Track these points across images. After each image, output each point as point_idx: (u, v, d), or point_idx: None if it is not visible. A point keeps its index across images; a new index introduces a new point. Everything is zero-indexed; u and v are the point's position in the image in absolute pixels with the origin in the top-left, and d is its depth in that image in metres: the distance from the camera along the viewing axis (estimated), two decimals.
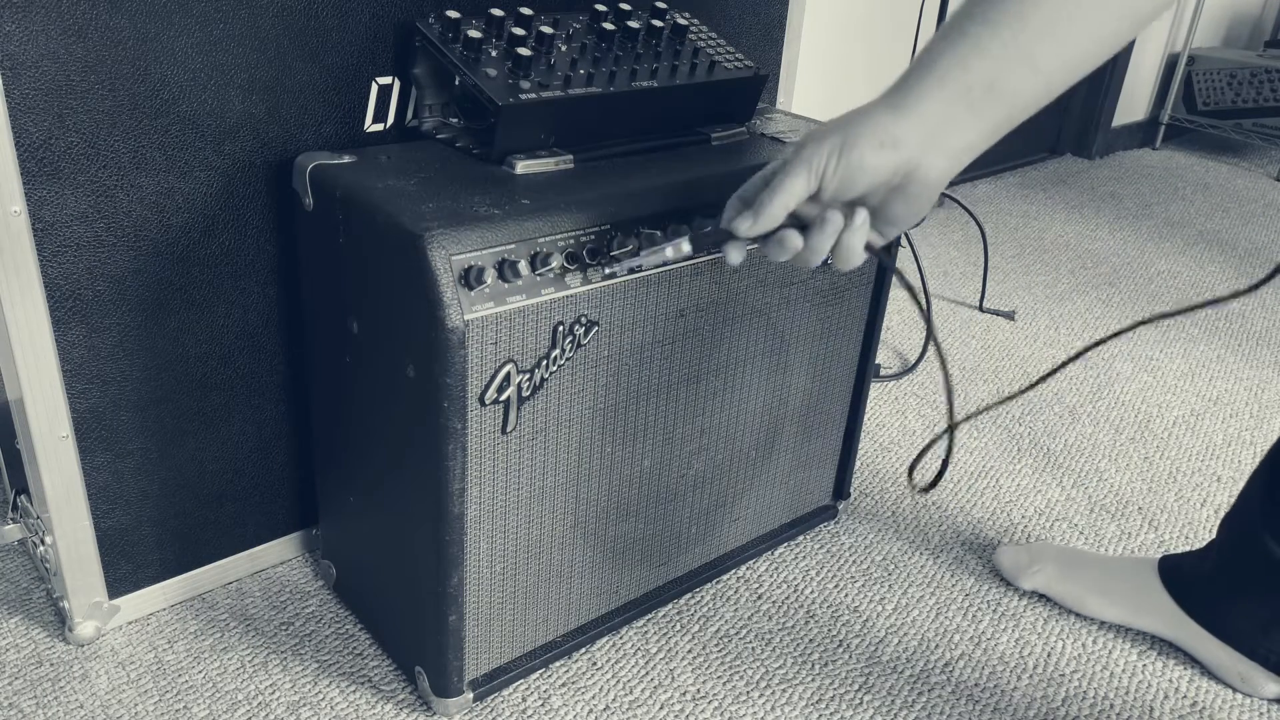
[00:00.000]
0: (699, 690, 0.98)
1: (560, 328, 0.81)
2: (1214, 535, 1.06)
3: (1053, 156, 3.01)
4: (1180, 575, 1.06)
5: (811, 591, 1.12)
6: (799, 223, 0.69)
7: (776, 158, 0.68)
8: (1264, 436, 1.49)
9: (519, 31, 0.90)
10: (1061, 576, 1.11)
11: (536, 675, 0.98)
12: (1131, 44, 2.88)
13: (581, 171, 0.89)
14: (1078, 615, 1.11)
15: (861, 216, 0.68)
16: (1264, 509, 0.98)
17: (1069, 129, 3.00)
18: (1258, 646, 1.00)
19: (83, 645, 0.98)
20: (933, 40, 0.64)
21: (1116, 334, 0.81)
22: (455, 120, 0.97)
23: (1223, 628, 1.02)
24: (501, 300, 0.77)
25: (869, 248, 0.70)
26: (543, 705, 0.95)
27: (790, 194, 0.66)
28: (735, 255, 0.72)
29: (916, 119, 0.63)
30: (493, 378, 0.79)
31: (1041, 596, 1.13)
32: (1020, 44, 0.60)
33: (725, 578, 1.13)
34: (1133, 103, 3.08)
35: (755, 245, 0.72)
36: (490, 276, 0.75)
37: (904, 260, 1.89)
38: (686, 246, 0.75)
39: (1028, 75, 0.61)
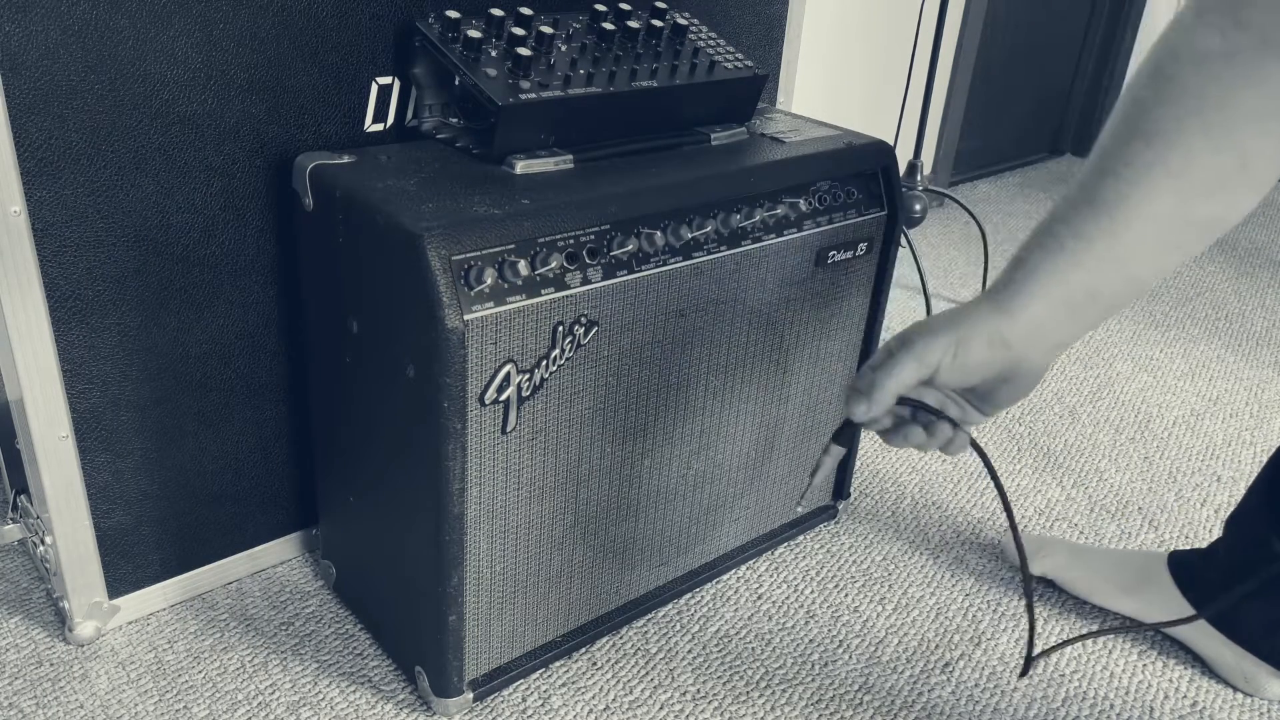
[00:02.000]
0: (699, 690, 0.98)
1: (560, 328, 0.81)
2: (1217, 535, 1.06)
3: (1052, 156, 3.01)
4: (1189, 571, 1.06)
5: (811, 591, 1.12)
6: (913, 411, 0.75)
7: (880, 351, 0.73)
8: (1264, 436, 1.49)
9: (519, 31, 0.90)
10: (1071, 564, 1.12)
11: (536, 675, 0.98)
12: (1131, 45, 2.88)
13: (581, 171, 0.89)
14: (1078, 614, 1.11)
15: (946, 430, 0.74)
16: (1269, 509, 0.98)
17: (1069, 129, 3.00)
18: (1263, 645, 1.00)
19: (83, 645, 0.98)
20: (1029, 243, 0.68)
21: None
22: (455, 120, 0.97)
23: (1229, 625, 1.02)
24: (501, 300, 0.77)
25: (973, 444, 0.76)
26: (543, 705, 0.95)
27: (900, 383, 0.71)
28: (879, 427, 0.76)
29: (1024, 322, 0.67)
30: (492, 378, 0.79)
31: (1043, 594, 1.13)
32: (1114, 256, 0.65)
33: (725, 578, 1.13)
34: None
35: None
36: (490, 276, 0.75)
37: (904, 260, 1.89)
38: (839, 449, 0.80)
39: (1122, 284, 0.66)
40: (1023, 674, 0.81)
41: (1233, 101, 0.59)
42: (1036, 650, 0.99)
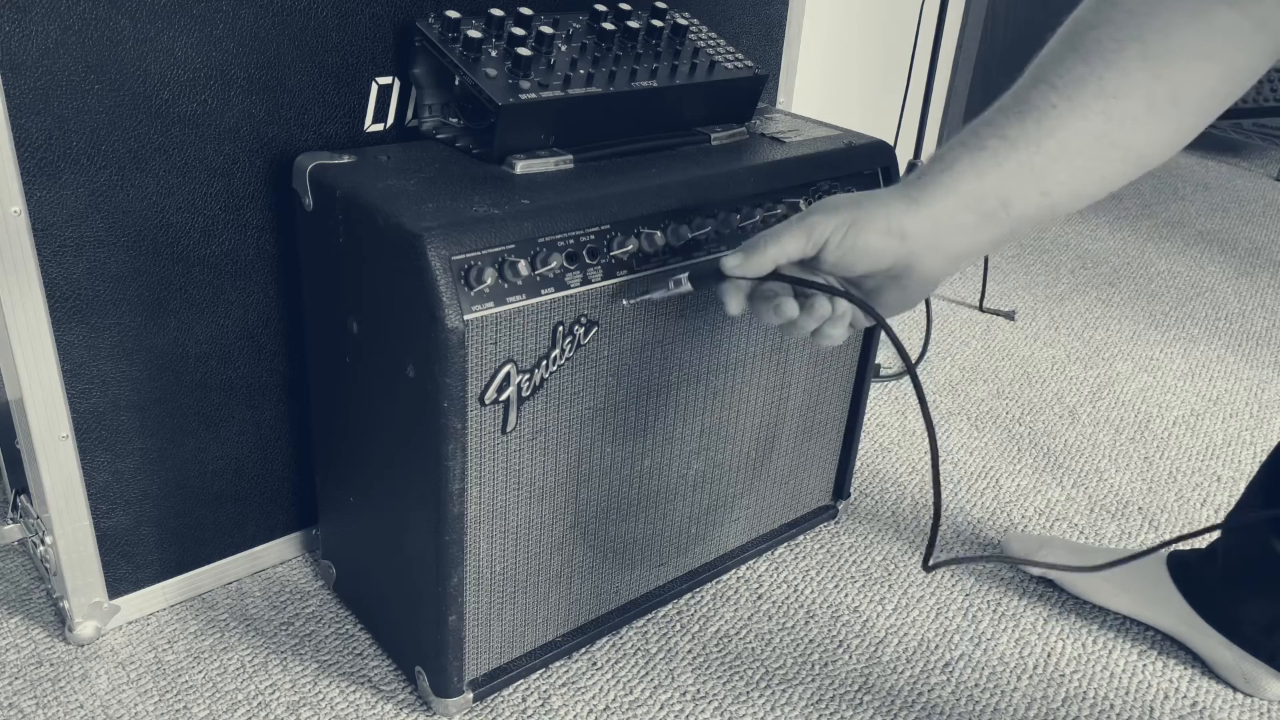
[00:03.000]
0: (699, 690, 0.98)
1: (560, 328, 0.81)
2: (1218, 535, 1.06)
3: None
4: (1188, 571, 1.06)
5: (811, 591, 1.12)
6: (796, 293, 0.72)
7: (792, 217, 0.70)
8: (1264, 436, 1.49)
9: (519, 31, 0.90)
10: (1072, 561, 1.11)
11: (536, 675, 0.98)
12: None
13: (581, 171, 0.89)
14: (1078, 614, 1.11)
15: (842, 307, 0.72)
16: (1268, 509, 0.98)
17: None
18: (1263, 645, 1.00)
19: (83, 645, 0.98)
20: (953, 142, 0.66)
21: None
22: (455, 120, 0.97)
23: (1229, 625, 1.02)
24: (501, 300, 0.77)
25: (878, 317, 0.73)
26: (543, 705, 0.95)
27: (782, 248, 0.69)
28: (733, 304, 0.74)
29: (928, 217, 0.65)
30: (492, 378, 0.79)
31: (1043, 594, 1.13)
32: (1034, 166, 0.63)
33: (725, 578, 1.13)
34: None
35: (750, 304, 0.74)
36: (490, 276, 0.75)
37: None
38: (687, 285, 0.78)
39: (1037, 196, 0.64)
40: (924, 566, 0.79)
41: (1175, 33, 0.59)
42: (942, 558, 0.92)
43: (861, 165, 1.02)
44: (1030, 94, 0.63)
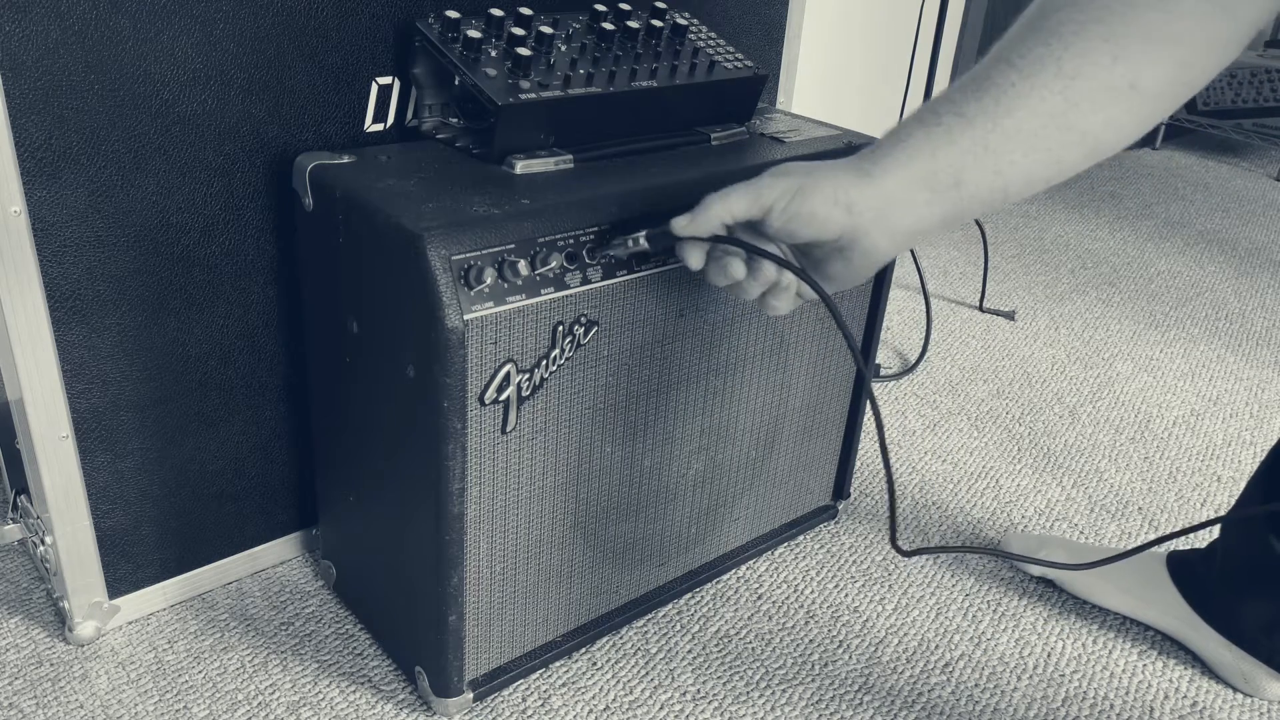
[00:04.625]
0: (699, 690, 0.98)
1: (560, 327, 0.81)
2: (1217, 534, 1.06)
3: None
4: (1187, 571, 1.06)
5: (811, 591, 1.12)
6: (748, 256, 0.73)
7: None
8: (1264, 436, 1.49)
9: (518, 31, 0.90)
10: (1069, 560, 1.11)
11: (536, 675, 0.98)
12: None
13: (581, 171, 0.89)
14: (1078, 614, 1.11)
15: (788, 278, 0.72)
16: (1267, 511, 0.98)
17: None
18: (1262, 645, 1.00)
19: (83, 645, 0.98)
20: (910, 117, 0.66)
21: None
22: (455, 120, 0.97)
23: (1228, 625, 1.02)
24: (501, 300, 0.77)
25: (818, 288, 0.73)
26: (543, 705, 0.95)
27: (728, 208, 0.69)
28: (692, 260, 0.74)
29: (877, 190, 0.65)
30: (492, 377, 0.79)
31: (1043, 594, 1.13)
32: (988, 143, 0.63)
33: (725, 578, 1.13)
34: None
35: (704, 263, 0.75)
36: (490, 276, 0.75)
37: (904, 260, 1.89)
38: (644, 243, 0.78)
39: (989, 175, 0.63)
40: (895, 547, 0.80)
41: (1138, 18, 0.59)
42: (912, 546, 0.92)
43: None
44: (990, 72, 0.63)
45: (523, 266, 0.77)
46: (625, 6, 1.00)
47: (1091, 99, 0.61)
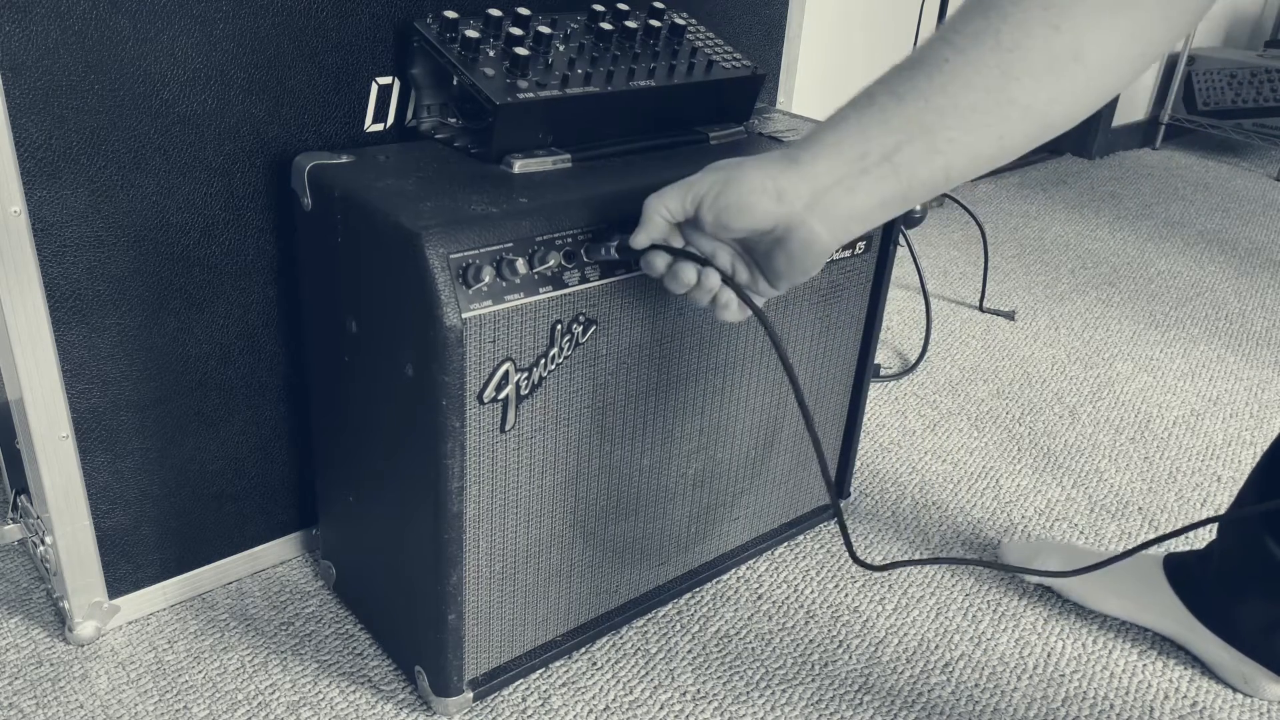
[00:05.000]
0: (699, 690, 0.98)
1: (558, 326, 0.82)
2: (1214, 535, 1.06)
3: (1053, 156, 3.01)
4: (1185, 574, 1.06)
5: (811, 591, 1.12)
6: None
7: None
8: (1264, 436, 1.49)
9: (517, 31, 0.90)
10: (1067, 568, 1.11)
11: (536, 675, 0.98)
12: None
13: (579, 171, 0.89)
14: (1078, 615, 1.11)
15: (713, 279, 0.71)
16: (1263, 511, 0.97)
17: (1069, 129, 3.00)
18: (1260, 647, 1.00)
19: (83, 645, 0.98)
20: (846, 102, 0.65)
21: None
22: (454, 120, 0.97)
23: (1226, 628, 1.02)
24: (499, 299, 0.77)
25: (752, 305, 0.73)
26: (543, 705, 0.95)
27: (664, 205, 0.70)
28: (651, 269, 0.75)
29: (806, 176, 0.64)
30: (491, 376, 0.79)
31: (1043, 594, 1.13)
32: (923, 121, 0.61)
33: (725, 578, 1.13)
34: (1133, 103, 3.08)
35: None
36: (488, 275, 0.75)
37: (904, 260, 1.89)
38: (614, 253, 0.80)
39: (926, 153, 0.62)
40: (855, 561, 0.81)
41: None
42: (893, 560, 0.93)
43: None
44: (925, 51, 0.61)
45: (521, 265, 0.77)
46: (623, 6, 1.00)
47: (1031, 72, 0.59)
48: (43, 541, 0.97)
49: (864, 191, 0.63)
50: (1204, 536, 1.25)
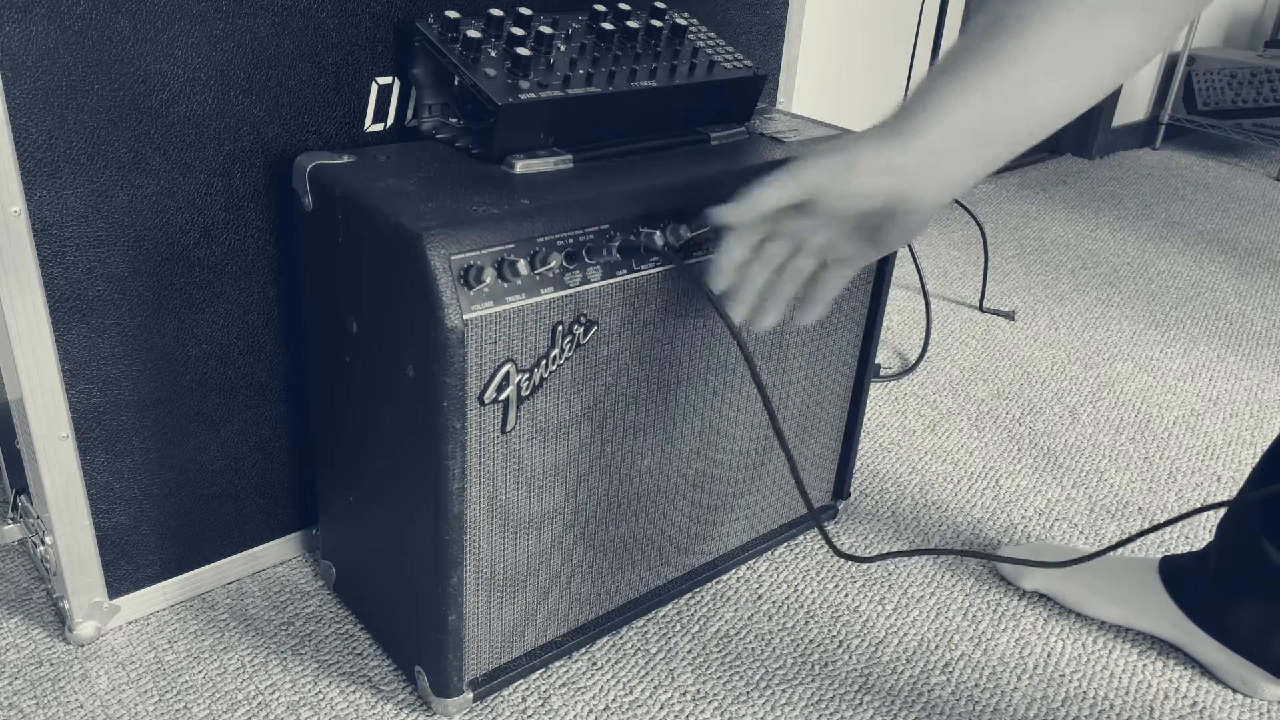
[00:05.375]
0: (699, 690, 0.98)
1: (559, 327, 0.81)
2: (1213, 537, 1.06)
3: (1053, 156, 3.01)
4: (1180, 577, 1.06)
5: (811, 591, 1.12)
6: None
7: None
8: (1264, 436, 1.49)
9: (518, 31, 0.90)
10: (1063, 576, 1.11)
11: (536, 675, 0.98)
12: None
13: (580, 171, 0.89)
14: (1078, 615, 1.11)
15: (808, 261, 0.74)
16: (1261, 513, 0.97)
17: (1069, 129, 2.99)
18: (1257, 649, 1.00)
19: (83, 645, 0.98)
20: (932, 72, 0.66)
21: None
22: (455, 120, 0.97)
23: (1223, 630, 1.02)
24: (500, 300, 0.77)
25: (712, 300, 0.75)
26: (543, 705, 0.95)
27: (775, 195, 0.69)
28: (736, 251, 0.74)
29: (919, 149, 0.65)
30: (492, 377, 0.79)
31: (1042, 596, 1.13)
32: (1015, 78, 0.62)
33: (725, 578, 1.13)
34: (1133, 103, 3.08)
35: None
36: (489, 276, 0.75)
37: (904, 260, 1.89)
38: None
39: (1024, 114, 0.64)
40: (837, 553, 0.82)
41: None
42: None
43: None
44: (1004, 12, 0.62)
45: (522, 266, 0.77)
46: (625, 6, 1.00)
47: (1111, 6, 0.60)
48: (43, 541, 0.97)
49: (971, 156, 0.65)
50: (1201, 538, 1.25)
